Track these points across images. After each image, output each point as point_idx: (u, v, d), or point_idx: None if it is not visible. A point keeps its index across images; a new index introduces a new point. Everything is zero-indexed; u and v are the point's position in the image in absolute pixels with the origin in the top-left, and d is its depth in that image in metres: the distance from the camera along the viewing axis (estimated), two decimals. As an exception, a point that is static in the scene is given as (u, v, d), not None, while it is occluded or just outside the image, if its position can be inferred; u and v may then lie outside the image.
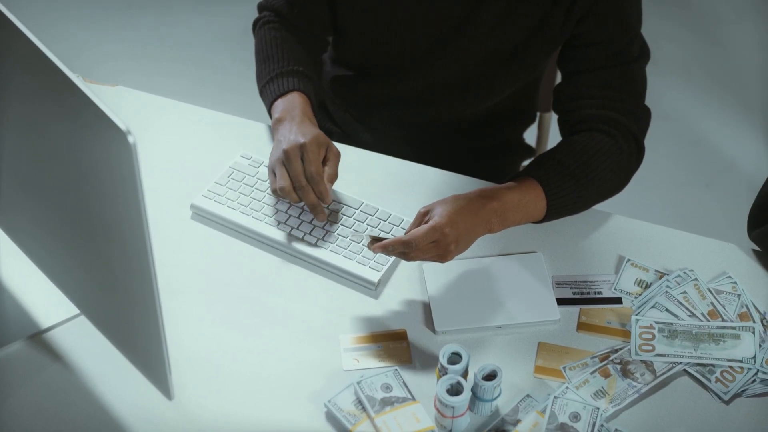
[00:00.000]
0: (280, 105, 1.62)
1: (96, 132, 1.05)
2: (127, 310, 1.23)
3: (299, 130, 1.56)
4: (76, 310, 1.45)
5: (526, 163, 2.01)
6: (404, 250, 1.41)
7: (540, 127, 2.04)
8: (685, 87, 3.13)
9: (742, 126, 3.03)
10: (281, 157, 1.54)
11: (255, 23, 1.77)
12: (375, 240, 1.45)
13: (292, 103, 1.62)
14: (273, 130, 1.61)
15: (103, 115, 1.02)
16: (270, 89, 1.65)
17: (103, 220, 1.14)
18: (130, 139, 1.01)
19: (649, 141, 1.65)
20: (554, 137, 1.84)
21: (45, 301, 1.47)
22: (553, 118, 1.98)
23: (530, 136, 2.02)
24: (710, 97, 3.11)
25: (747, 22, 3.33)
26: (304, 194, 1.53)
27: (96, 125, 1.04)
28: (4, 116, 1.23)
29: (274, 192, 1.55)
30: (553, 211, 1.54)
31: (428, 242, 1.41)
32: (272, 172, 1.56)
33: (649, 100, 1.65)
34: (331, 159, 1.56)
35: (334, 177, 1.56)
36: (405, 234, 1.44)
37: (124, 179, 1.05)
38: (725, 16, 3.35)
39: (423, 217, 1.45)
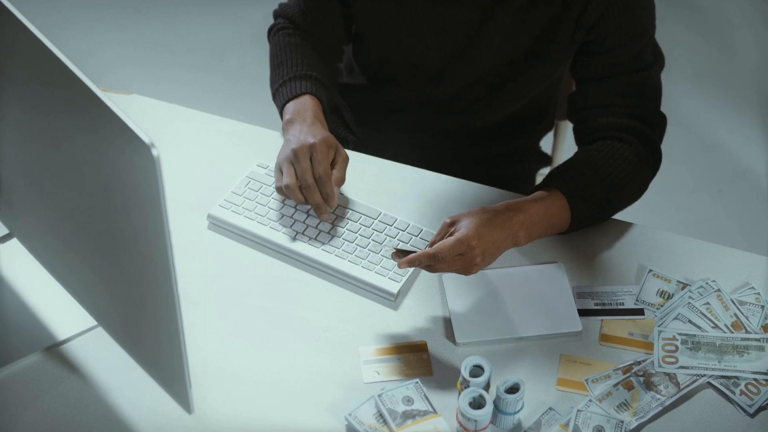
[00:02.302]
0: (291, 107, 1.62)
1: (119, 144, 1.04)
2: (147, 322, 1.22)
3: (309, 130, 1.55)
4: (93, 322, 1.44)
5: (542, 171, 2.00)
6: (430, 263, 1.40)
7: (556, 135, 2.02)
8: (696, 93, 3.11)
9: (755, 131, 3.02)
10: (289, 156, 1.53)
11: (270, 30, 1.77)
12: (400, 253, 1.43)
13: (304, 105, 1.61)
14: (283, 130, 1.60)
15: (127, 127, 1.01)
16: (282, 92, 1.65)
17: (124, 232, 1.13)
18: (154, 152, 1.00)
19: (662, 147, 1.64)
20: (570, 145, 1.83)
21: (61, 312, 1.46)
22: (569, 125, 1.97)
23: (546, 143, 2.01)
24: (722, 103, 3.10)
25: (758, 27, 3.32)
26: (310, 194, 1.51)
27: (119, 138, 1.03)
28: (24, 127, 1.22)
29: (279, 190, 1.54)
30: (578, 222, 1.53)
31: (454, 255, 1.40)
32: (279, 170, 1.55)
33: (662, 107, 1.64)
34: (339, 163, 1.55)
35: (341, 180, 1.55)
36: (430, 246, 1.43)
37: (148, 192, 1.03)
38: (736, 21, 3.34)
39: (448, 228, 1.44)
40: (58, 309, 1.46)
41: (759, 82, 3.16)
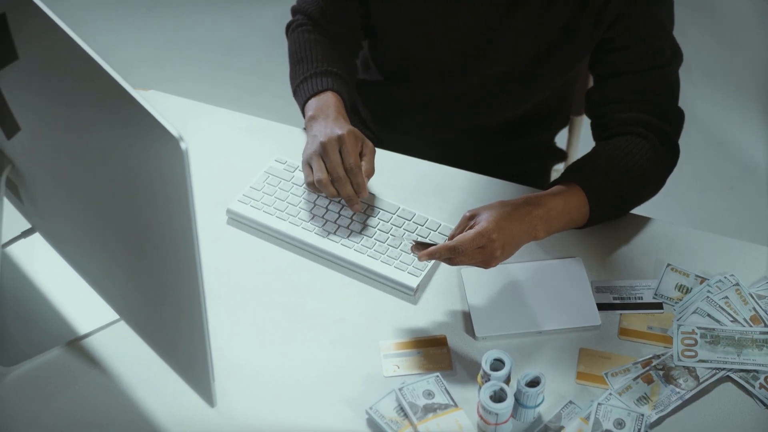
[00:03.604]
0: (313, 103, 1.62)
1: (147, 138, 1.04)
2: (172, 316, 1.23)
3: (335, 124, 1.55)
4: (115, 316, 1.45)
5: (558, 167, 2.00)
6: (450, 255, 1.41)
7: (571, 131, 2.02)
8: (707, 91, 3.11)
9: (766, 128, 3.02)
10: (318, 150, 1.53)
11: (288, 26, 1.77)
12: (419, 245, 1.44)
13: (326, 102, 1.61)
14: (307, 127, 1.60)
15: (156, 121, 1.02)
16: (304, 89, 1.65)
17: (151, 226, 1.14)
18: (183, 145, 1.01)
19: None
20: (585, 140, 1.83)
21: (83, 307, 1.47)
22: (585, 121, 1.97)
23: (560, 139, 2.01)
24: (732, 101, 3.10)
25: (767, 25, 3.32)
26: (342, 186, 1.52)
27: (147, 131, 1.03)
28: (50, 121, 1.22)
29: (310, 185, 1.54)
30: (595, 217, 1.54)
31: (474, 247, 1.40)
32: (308, 165, 1.55)
33: (676, 103, 1.65)
34: (367, 154, 1.56)
35: (371, 172, 1.55)
36: (450, 239, 1.44)
37: (175, 185, 1.04)
38: (746, 19, 3.34)
39: (468, 221, 1.44)
40: (80, 303, 1.47)
41: (769, 78, 3.17)
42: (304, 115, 1.63)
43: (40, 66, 1.18)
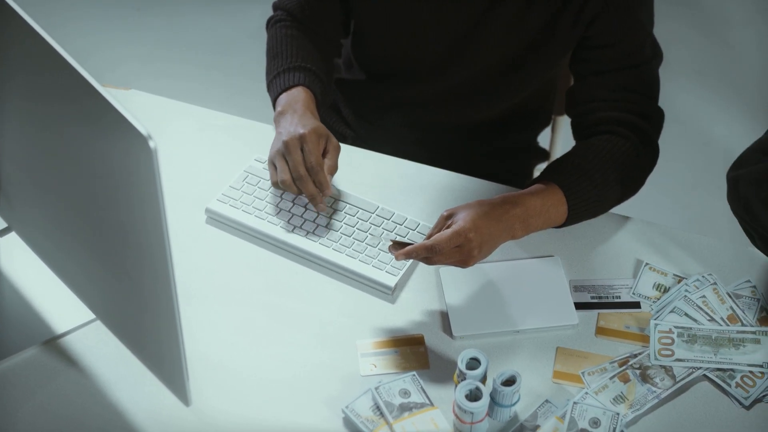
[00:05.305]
0: (283, 98, 1.62)
1: (116, 137, 1.04)
2: (145, 315, 1.23)
3: (300, 121, 1.55)
4: (91, 315, 1.44)
5: (540, 166, 2.01)
6: (427, 255, 1.41)
7: (553, 130, 2.02)
8: (695, 89, 3.12)
9: (753, 127, 3.02)
10: (281, 149, 1.54)
11: (268, 21, 1.77)
12: (397, 245, 1.44)
13: (296, 97, 1.61)
14: (275, 122, 1.60)
15: (124, 119, 1.02)
16: (276, 84, 1.65)
17: (122, 225, 1.14)
18: (151, 144, 1.01)
19: (660, 143, 1.64)
20: (567, 140, 1.83)
21: (59, 306, 1.46)
22: (566, 120, 1.97)
23: (543, 139, 2.01)
24: (721, 99, 3.10)
25: (757, 23, 3.33)
26: (303, 184, 1.52)
27: (116, 130, 1.03)
28: (24, 120, 1.22)
29: (275, 185, 1.55)
30: (574, 216, 1.54)
31: (452, 247, 1.40)
32: (272, 165, 1.56)
33: (661, 102, 1.64)
34: (331, 151, 1.56)
35: (334, 169, 1.55)
36: (427, 238, 1.44)
37: (145, 184, 1.04)
38: (735, 17, 3.34)
39: (445, 220, 1.44)
40: (56, 303, 1.47)
41: (758, 78, 3.17)
42: (274, 110, 1.63)
43: (12, 65, 1.17)
